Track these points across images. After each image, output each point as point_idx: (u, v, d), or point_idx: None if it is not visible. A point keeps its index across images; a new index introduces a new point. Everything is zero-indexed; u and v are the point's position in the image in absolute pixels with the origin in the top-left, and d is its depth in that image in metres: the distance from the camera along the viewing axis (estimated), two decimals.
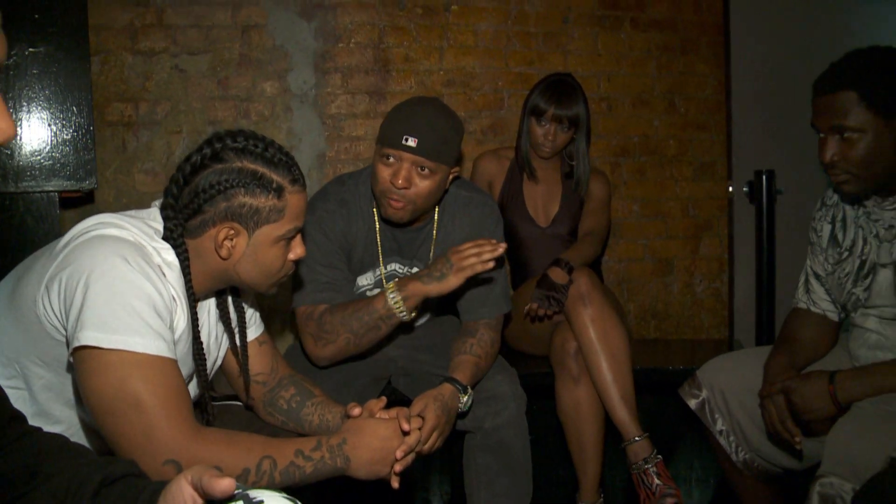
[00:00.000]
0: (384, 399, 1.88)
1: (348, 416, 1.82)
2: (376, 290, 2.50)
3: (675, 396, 2.55)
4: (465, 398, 2.22)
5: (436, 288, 2.20)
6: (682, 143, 4.05)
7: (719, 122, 4.07)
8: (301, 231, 1.74)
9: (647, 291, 4.05)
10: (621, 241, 4.00)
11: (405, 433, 1.79)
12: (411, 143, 2.18)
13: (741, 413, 2.36)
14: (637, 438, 2.52)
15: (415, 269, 2.49)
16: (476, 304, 2.47)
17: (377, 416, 1.81)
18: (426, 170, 2.23)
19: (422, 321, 2.65)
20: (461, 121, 2.37)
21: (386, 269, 2.48)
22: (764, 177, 3.69)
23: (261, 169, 1.60)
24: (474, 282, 2.48)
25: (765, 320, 3.71)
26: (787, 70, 3.90)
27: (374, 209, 2.42)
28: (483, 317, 2.45)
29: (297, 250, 1.73)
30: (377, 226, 2.43)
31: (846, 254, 2.24)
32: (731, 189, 4.05)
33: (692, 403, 2.47)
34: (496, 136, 3.81)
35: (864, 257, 2.18)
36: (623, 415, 2.54)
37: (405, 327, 2.59)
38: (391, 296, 2.22)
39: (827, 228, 2.31)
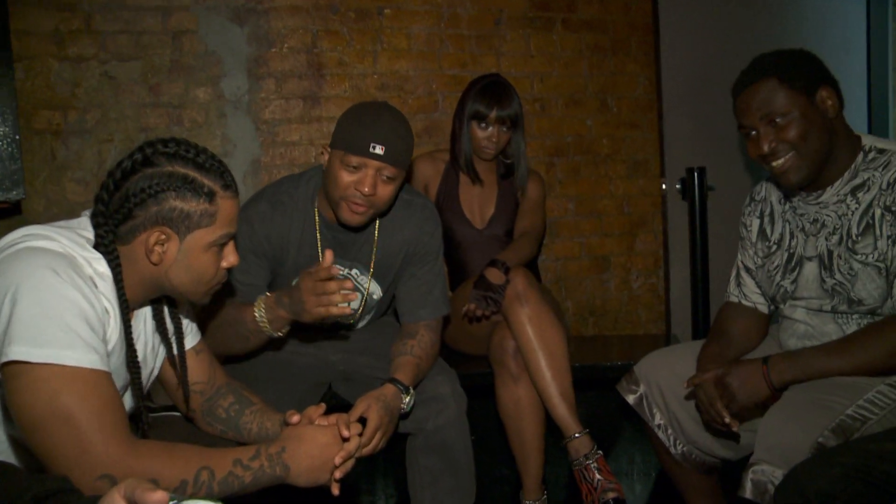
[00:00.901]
0: (323, 406, 1.87)
1: (287, 424, 1.80)
2: None
3: (614, 392, 2.56)
4: (408, 398, 2.23)
5: (297, 318, 2.14)
6: (615, 142, 4.08)
7: (651, 120, 4.11)
8: (234, 238, 1.73)
9: (584, 289, 4.08)
10: (558, 239, 4.02)
11: (345, 439, 1.78)
12: (379, 150, 2.19)
13: (678, 406, 2.38)
14: (577, 435, 2.54)
15: (355, 272, 2.49)
16: (415, 306, 2.49)
17: (316, 422, 1.80)
18: (389, 176, 2.24)
19: (361, 324, 2.64)
20: None
21: None
22: (695, 174, 3.74)
23: (192, 173, 1.59)
24: (413, 284, 2.50)
25: (700, 314, 3.74)
26: (715, 69, 3.92)
27: (315, 211, 2.41)
28: (422, 318, 2.47)
29: (229, 258, 1.72)
30: (317, 227, 2.42)
31: (774, 247, 2.29)
32: (664, 186, 4.09)
33: (630, 399, 2.48)
34: (431, 139, 3.82)
35: (791, 251, 2.24)
36: (563, 412, 2.57)
37: (344, 329, 2.59)
38: (258, 315, 2.19)
39: (756, 223, 2.37)
